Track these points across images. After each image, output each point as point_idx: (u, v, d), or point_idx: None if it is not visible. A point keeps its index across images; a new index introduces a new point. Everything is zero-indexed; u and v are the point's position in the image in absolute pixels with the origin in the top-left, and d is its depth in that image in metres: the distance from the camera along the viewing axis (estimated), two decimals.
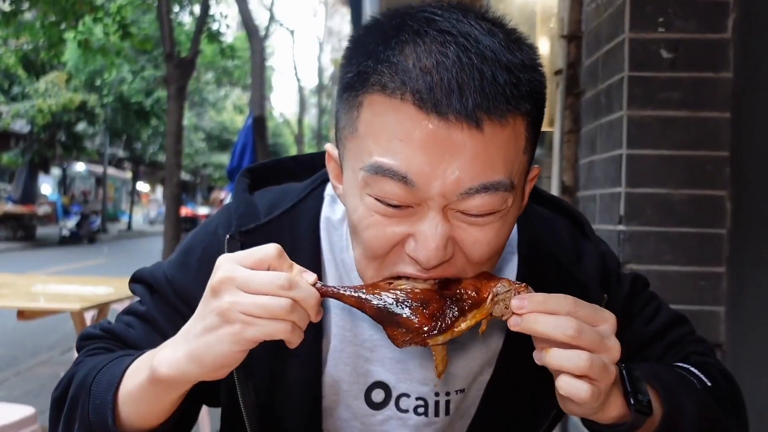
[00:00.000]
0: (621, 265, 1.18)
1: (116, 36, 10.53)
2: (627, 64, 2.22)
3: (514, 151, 0.82)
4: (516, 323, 0.80)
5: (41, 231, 23.43)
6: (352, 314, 1.03)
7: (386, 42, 0.82)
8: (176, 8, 13.61)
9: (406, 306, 0.81)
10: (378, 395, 1.05)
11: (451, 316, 0.81)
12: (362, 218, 0.85)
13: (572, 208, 1.20)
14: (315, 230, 1.05)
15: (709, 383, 1.03)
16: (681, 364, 1.07)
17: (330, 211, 1.07)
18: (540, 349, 0.81)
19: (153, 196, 43.26)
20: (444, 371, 0.87)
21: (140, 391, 0.87)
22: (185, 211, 24.66)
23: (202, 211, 31.01)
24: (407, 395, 1.05)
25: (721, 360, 1.16)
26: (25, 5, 10.25)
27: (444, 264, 0.83)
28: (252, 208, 1.06)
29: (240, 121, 31.12)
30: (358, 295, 0.82)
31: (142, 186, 40.12)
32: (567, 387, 0.79)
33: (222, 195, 27.22)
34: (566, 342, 0.78)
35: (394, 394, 1.05)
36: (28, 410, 2.60)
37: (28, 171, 24.56)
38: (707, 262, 2.19)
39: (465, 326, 0.81)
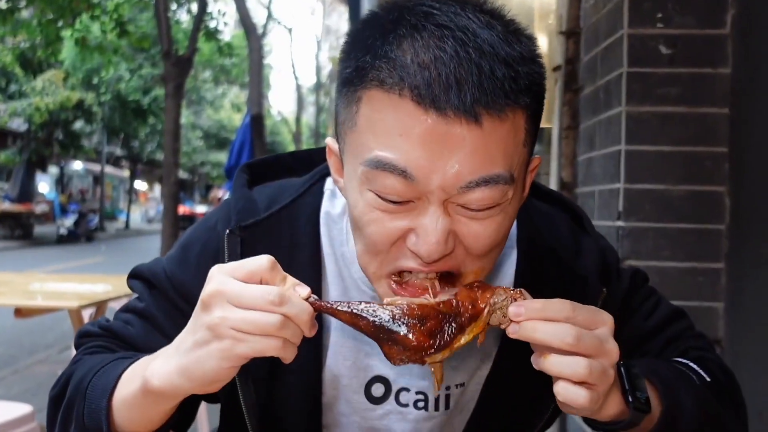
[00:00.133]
0: (620, 260, 1.18)
1: (113, 34, 10.51)
2: (626, 60, 2.22)
3: (514, 145, 0.82)
4: (514, 331, 0.80)
5: (39, 230, 23.39)
6: None
7: (384, 37, 0.81)
8: (174, 6, 13.57)
9: (403, 323, 0.79)
10: (378, 389, 1.05)
11: (449, 332, 0.80)
12: (363, 213, 0.85)
13: (571, 202, 1.20)
14: (315, 225, 1.05)
15: (708, 378, 1.03)
16: (680, 360, 1.07)
17: (330, 205, 1.07)
18: (539, 354, 0.81)
19: (151, 194, 43.22)
20: (442, 382, 0.85)
21: (133, 400, 0.87)
22: (183, 209, 24.62)
23: (200, 209, 30.97)
24: (407, 389, 1.05)
25: (720, 356, 1.16)
26: (22, 3, 10.23)
27: (445, 257, 0.83)
28: (251, 204, 1.06)
29: (238, 120, 31.08)
30: (352, 311, 0.79)
31: (139, 184, 40.09)
32: (565, 393, 0.79)
33: (220, 193, 27.23)
34: (565, 349, 0.78)
35: (394, 389, 1.05)
36: (25, 408, 2.59)
37: (26, 169, 24.51)
38: (706, 257, 2.19)
39: (464, 341, 0.81)
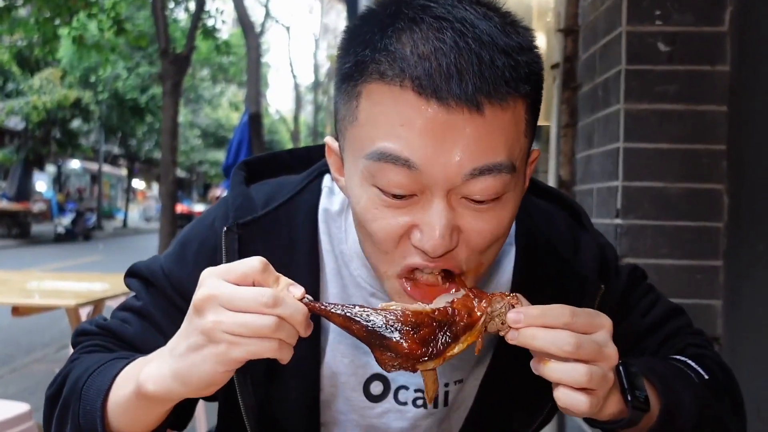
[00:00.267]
0: (618, 258, 1.18)
1: (111, 32, 10.46)
2: (624, 58, 2.22)
3: (515, 134, 0.82)
4: (513, 338, 0.79)
5: (36, 228, 23.35)
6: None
7: (383, 30, 0.82)
8: (171, 4, 13.52)
9: (396, 330, 0.77)
10: (377, 387, 1.05)
11: (443, 341, 0.79)
12: (366, 210, 0.84)
13: (570, 199, 1.20)
14: (313, 222, 1.04)
15: (706, 376, 1.03)
16: (678, 357, 1.07)
17: (328, 202, 1.06)
18: (538, 360, 0.81)
19: (150, 193, 43.16)
20: (435, 395, 0.84)
21: (127, 403, 0.87)
22: (181, 208, 24.61)
23: (198, 208, 30.96)
24: (406, 387, 1.04)
25: (718, 353, 1.16)
26: (20, 1, 10.19)
27: (449, 253, 0.83)
28: (249, 201, 1.06)
29: (236, 118, 31.00)
30: (346, 314, 0.78)
31: (137, 183, 40.03)
32: (566, 399, 0.79)
33: (218, 192, 27.18)
34: (565, 357, 0.78)
35: (393, 387, 1.05)
36: (23, 407, 2.58)
37: (23, 168, 24.46)
38: (704, 255, 2.19)
39: (457, 351, 0.80)
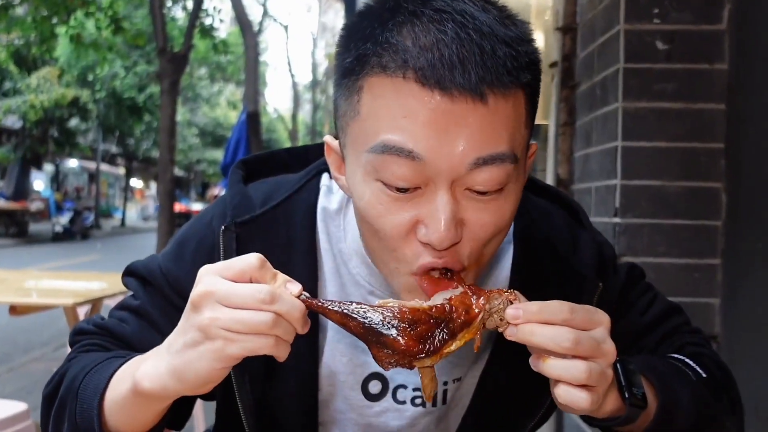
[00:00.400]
0: (617, 256, 1.18)
1: (108, 31, 10.43)
2: (622, 56, 2.21)
3: (517, 124, 0.83)
4: (512, 334, 0.79)
5: (34, 227, 23.30)
6: None
7: (383, 24, 0.82)
8: (169, 3, 13.49)
9: (393, 326, 0.77)
10: (375, 386, 1.05)
11: (440, 338, 0.78)
12: (370, 205, 0.84)
13: (568, 197, 1.20)
14: (311, 221, 1.04)
15: (704, 374, 1.03)
16: (676, 355, 1.07)
17: (326, 201, 1.06)
18: (537, 357, 0.80)
19: (148, 192, 43.10)
20: (433, 394, 0.84)
21: (124, 402, 0.86)
22: (179, 207, 24.57)
23: (197, 207, 30.92)
24: (404, 386, 1.04)
25: (716, 352, 1.17)
26: (17, 0, 10.17)
27: (455, 246, 0.82)
28: (247, 200, 1.06)
29: (234, 117, 30.98)
30: (343, 311, 0.78)
31: (135, 182, 39.98)
32: (566, 396, 0.79)
33: (217, 191, 27.16)
34: (563, 354, 0.77)
35: (391, 386, 1.04)
36: (20, 406, 2.58)
37: (21, 167, 24.41)
38: (702, 254, 2.19)
39: (455, 347, 0.80)
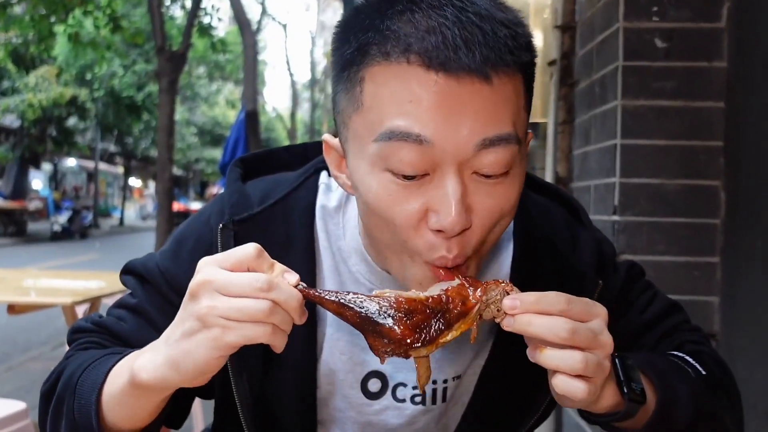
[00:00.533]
0: (616, 254, 1.18)
1: (107, 29, 10.41)
2: (621, 54, 2.21)
3: (518, 106, 0.84)
4: (509, 324, 0.79)
5: (32, 227, 23.29)
6: None
7: (382, 14, 0.82)
8: (167, 2, 13.48)
9: (389, 316, 0.77)
10: (374, 385, 1.04)
11: (436, 328, 0.79)
12: (379, 197, 0.83)
13: (568, 195, 1.19)
14: (309, 219, 1.04)
15: (703, 372, 1.02)
16: (675, 353, 1.07)
17: (325, 199, 1.06)
18: (534, 347, 0.80)
19: (147, 191, 43.06)
20: (426, 383, 0.84)
21: (122, 395, 0.86)
22: (178, 206, 24.56)
23: (195, 206, 30.92)
24: (404, 384, 1.04)
25: (715, 349, 1.17)
26: None
27: (464, 232, 0.82)
28: (245, 198, 1.05)
29: (232, 116, 30.95)
30: (339, 301, 0.78)
31: (134, 181, 39.96)
32: (563, 386, 0.79)
33: (216, 190, 27.16)
34: (560, 344, 0.77)
35: (391, 384, 1.04)
36: (19, 405, 2.58)
37: (19, 166, 24.40)
38: (701, 252, 2.19)
39: (450, 338, 0.80)
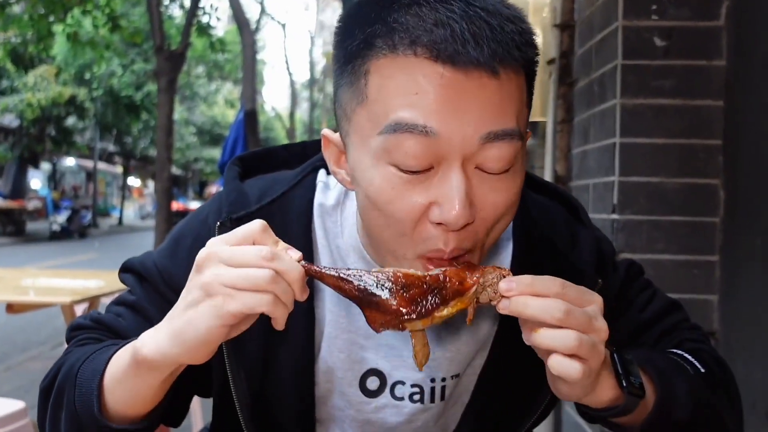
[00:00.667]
0: (616, 253, 1.18)
1: (105, 29, 10.40)
2: (620, 53, 2.21)
3: (521, 102, 0.84)
4: (505, 306, 0.80)
5: (31, 226, 23.28)
6: (347, 300, 1.02)
7: (388, 7, 0.82)
8: (166, 1, 13.47)
9: (386, 288, 0.80)
10: (373, 383, 1.04)
11: (432, 302, 0.80)
12: (381, 191, 0.83)
13: (567, 194, 1.19)
14: (307, 217, 1.04)
15: (702, 369, 1.03)
16: (674, 350, 1.07)
17: (323, 197, 1.06)
18: (529, 329, 0.81)
19: (147, 190, 43.02)
20: (425, 362, 0.85)
21: (124, 375, 0.86)
22: (177, 205, 24.56)
23: (194, 205, 30.90)
24: (402, 383, 1.04)
25: (715, 348, 1.17)
26: None
27: (467, 226, 0.83)
28: (243, 196, 1.05)
29: (231, 116, 30.97)
30: (339, 275, 0.81)
31: (133, 181, 39.93)
32: (558, 366, 0.79)
33: (214, 189, 27.14)
34: (555, 324, 0.78)
35: (389, 382, 1.04)
36: (18, 404, 2.57)
37: (18, 166, 24.38)
38: (700, 250, 2.19)
39: (446, 313, 0.81)
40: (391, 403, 1.04)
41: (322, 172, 1.09)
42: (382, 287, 0.80)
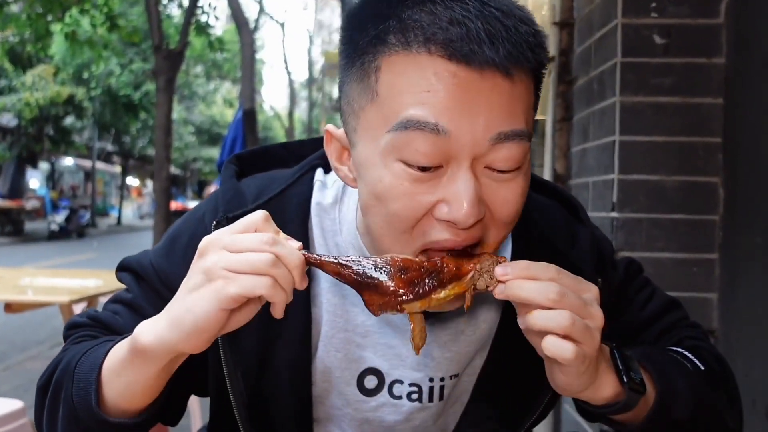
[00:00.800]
0: (615, 251, 1.17)
1: (104, 28, 10.39)
2: (619, 50, 2.21)
3: (529, 103, 0.84)
4: (501, 291, 0.81)
5: (29, 226, 23.27)
6: (344, 300, 1.02)
7: (402, 3, 0.81)
8: (164, 0, 13.47)
9: (384, 272, 0.81)
10: (371, 382, 1.04)
11: (429, 284, 0.82)
12: (390, 187, 0.83)
13: (567, 193, 1.19)
14: (304, 216, 1.03)
15: (702, 367, 1.03)
16: (674, 348, 1.07)
17: (321, 196, 1.05)
18: (524, 313, 0.81)
19: (146, 189, 42.99)
20: (422, 344, 0.85)
21: (121, 365, 0.86)
22: (175, 205, 24.56)
23: (193, 205, 30.84)
24: (400, 381, 1.03)
25: (714, 345, 1.17)
26: None
27: (476, 224, 0.83)
28: (239, 195, 1.05)
29: (230, 115, 30.96)
30: (339, 262, 0.82)
31: (131, 180, 39.91)
32: (551, 347, 0.79)
33: (213, 189, 27.14)
34: (549, 306, 0.78)
35: (387, 381, 1.04)
36: (16, 404, 2.57)
37: (16, 165, 24.37)
38: (700, 248, 2.19)
39: (443, 295, 0.82)
40: (389, 402, 1.04)
41: (319, 171, 1.09)
42: (380, 270, 0.81)
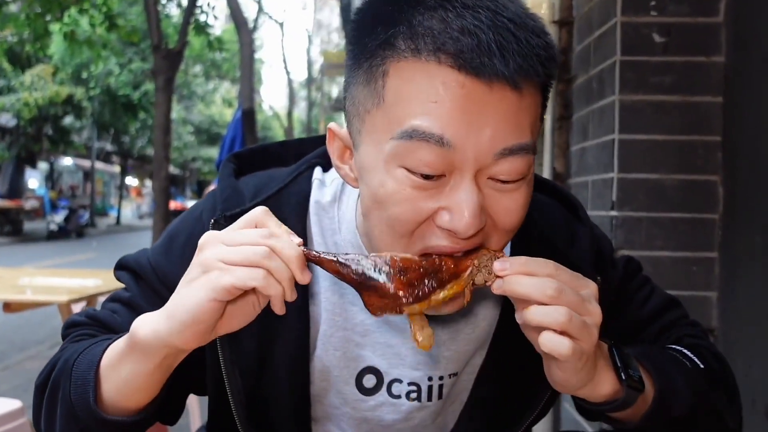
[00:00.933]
0: (614, 250, 1.17)
1: (103, 28, 10.39)
2: (619, 49, 2.20)
3: (536, 116, 0.84)
4: (499, 286, 0.80)
5: (28, 226, 23.27)
6: (343, 298, 1.02)
7: (413, 8, 0.80)
8: (163, 0, 13.45)
9: (383, 272, 0.81)
10: (369, 381, 1.03)
11: (429, 285, 0.81)
12: (392, 193, 0.82)
13: (566, 192, 1.19)
14: (302, 214, 1.03)
15: (701, 365, 1.02)
16: (673, 346, 1.07)
17: (319, 194, 1.05)
18: (521, 309, 0.81)
19: (145, 189, 42.97)
20: (430, 342, 0.85)
21: (119, 361, 0.86)
22: (175, 204, 24.55)
23: (192, 204, 30.85)
24: (399, 381, 1.03)
25: (714, 344, 1.17)
26: None
27: (478, 233, 0.82)
28: (237, 193, 1.05)
29: (229, 115, 30.95)
30: (338, 260, 0.82)
31: (130, 180, 39.89)
32: (549, 343, 0.78)
33: (212, 189, 27.11)
34: (547, 302, 0.78)
35: (386, 380, 1.03)
36: (15, 404, 2.56)
37: (15, 165, 24.35)
38: (699, 247, 2.18)
39: (442, 296, 0.82)
40: (387, 401, 1.04)
41: (318, 170, 1.08)
42: (380, 271, 0.81)
